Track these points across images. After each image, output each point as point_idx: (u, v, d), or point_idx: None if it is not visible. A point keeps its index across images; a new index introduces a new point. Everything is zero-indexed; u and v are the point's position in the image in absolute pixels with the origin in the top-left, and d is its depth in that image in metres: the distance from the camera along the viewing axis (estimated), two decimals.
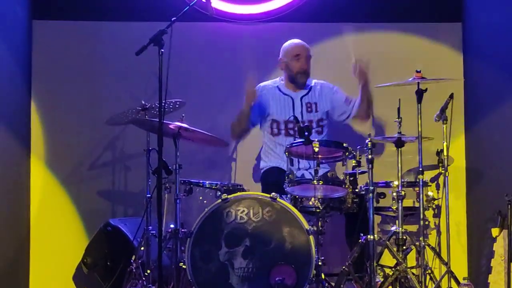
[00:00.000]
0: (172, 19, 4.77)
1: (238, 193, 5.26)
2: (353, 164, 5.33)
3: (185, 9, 4.92)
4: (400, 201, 5.34)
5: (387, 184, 5.57)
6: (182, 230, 5.23)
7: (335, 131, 6.16)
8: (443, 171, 5.71)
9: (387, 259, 5.54)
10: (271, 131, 6.07)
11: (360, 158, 5.33)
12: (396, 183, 5.43)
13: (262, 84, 6.18)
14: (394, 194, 5.41)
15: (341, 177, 5.32)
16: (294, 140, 5.40)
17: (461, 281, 5.37)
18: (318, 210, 5.25)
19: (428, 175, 5.82)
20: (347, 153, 5.28)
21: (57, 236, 6.53)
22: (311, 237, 5.07)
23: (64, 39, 6.65)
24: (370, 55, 6.58)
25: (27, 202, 6.55)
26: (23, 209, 6.51)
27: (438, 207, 5.88)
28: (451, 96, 5.71)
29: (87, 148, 6.59)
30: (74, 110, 6.63)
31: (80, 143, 6.59)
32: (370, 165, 5.28)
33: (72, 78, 6.64)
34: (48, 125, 6.62)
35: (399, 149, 5.42)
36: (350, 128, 6.36)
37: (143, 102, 5.83)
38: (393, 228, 5.43)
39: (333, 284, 5.32)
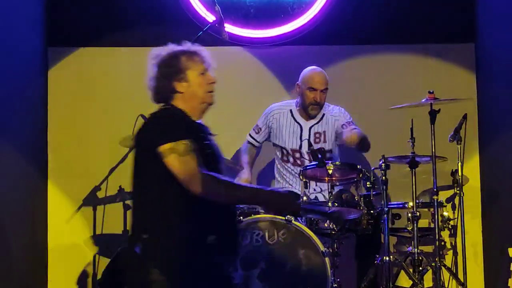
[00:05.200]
0: None
1: (253, 216, 5.27)
2: (368, 186, 5.34)
3: (199, 34, 4.96)
4: (415, 222, 5.35)
5: (402, 205, 5.57)
6: None
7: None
8: (458, 191, 5.72)
9: (404, 280, 5.54)
10: (281, 157, 6.05)
11: (374, 179, 5.34)
12: (411, 204, 5.44)
13: (276, 104, 6.16)
14: (409, 215, 5.42)
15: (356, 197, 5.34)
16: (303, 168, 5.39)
17: None
18: (333, 232, 5.26)
19: (443, 196, 5.82)
20: (361, 175, 5.29)
21: (74, 261, 6.55)
22: (327, 259, 5.06)
23: (79, 65, 6.71)
24: (384, 76, 6.64)
25: (45, 227, 6.58)
26: (41, 234, 6.54)
27: (454, 228, 5.88)
28: (465, 117, 5.73)
29: (104, 172, 6.60)
30: (90, 135, 6.68)
31: (97, 168, 6.61)
32: (384, 187, 5.29)
33: (87, 104, 6.70)
34: (64, 150, 6.66)
35: (413, 169, 5.44)
36: None
37: None
38: (409, 249, 5.44)
39: None
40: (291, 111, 6.08)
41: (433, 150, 5.41)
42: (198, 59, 3.91)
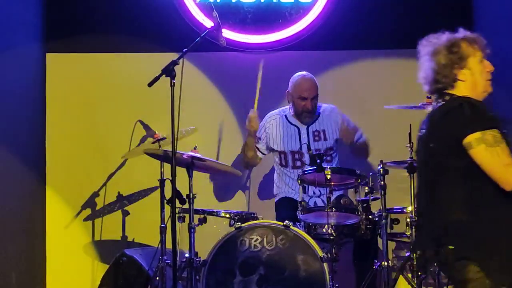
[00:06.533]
0: (184, 50, 4.81)
1: (252, 222, 5.27)
2: (366, 191, 5.33)
3: (197, 40, 4.94)
4: (413, 227, 5.34)
5: (401, 210, 5.56)
6: (197, 259, 5.24)
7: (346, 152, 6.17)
8: None
9: (402, 286, 5.51)
10: (279, 162, 6.03)
11: (372, 184, 5.34)
12: (409, 208, 5.43)
13: (269, 114, 6.14)
14: (408, 220, 5.41)
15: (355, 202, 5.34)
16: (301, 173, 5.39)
17: None
18: (331, 237, 5.25)
19: None
20: (359, 180, 5.29)
21: (73, 267, 6.55)
22: (325, 265, 5.06)
23: (77, 71, 6.71)
24: (381, 81, 6.64)
25: (43, 233, 6.58)
26: (39, 240, 6.53)
27: None
28: None
29: (102, 178, 6.61)
30: (88, 140, 6.68)
31: (95, 174, 6.62)
32: (382, 192, 5.29)
33: (85, 110, 6.70)
34: (63, 156, 6.66)
35: (412, 174, 5.43)
36: None
37: (156, 132, 5.86)
38: (408, 254, 5.43)
39: None
40: (285, 116, 6.06)
41: None
42: (477, 46, 3.76)
